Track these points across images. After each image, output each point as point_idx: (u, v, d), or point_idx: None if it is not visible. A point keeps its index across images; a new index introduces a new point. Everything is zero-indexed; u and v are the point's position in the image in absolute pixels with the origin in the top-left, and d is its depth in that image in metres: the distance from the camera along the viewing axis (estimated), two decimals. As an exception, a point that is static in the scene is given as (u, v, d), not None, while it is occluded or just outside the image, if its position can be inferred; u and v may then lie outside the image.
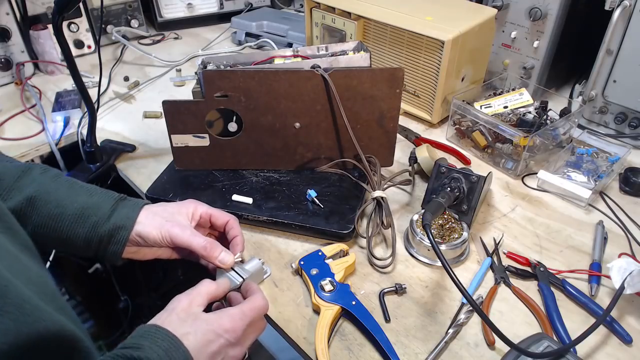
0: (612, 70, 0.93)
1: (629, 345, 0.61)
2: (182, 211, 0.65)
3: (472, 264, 0.72)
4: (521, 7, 1.01)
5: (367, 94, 0.78)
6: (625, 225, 0.78)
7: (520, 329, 0.63)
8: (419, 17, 0.96)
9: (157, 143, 0.98)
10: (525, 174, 0.89)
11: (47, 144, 0.99)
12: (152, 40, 1.44)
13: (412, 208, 0.82)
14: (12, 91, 1.17)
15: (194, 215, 0.66)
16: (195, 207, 0.67)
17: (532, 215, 0.81)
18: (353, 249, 0.74)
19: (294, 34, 1.33)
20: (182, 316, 0.51)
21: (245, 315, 0.53)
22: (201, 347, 0.49)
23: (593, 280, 0.68)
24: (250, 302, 0.55)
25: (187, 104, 0.79)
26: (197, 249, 0.61)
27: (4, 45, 1.16)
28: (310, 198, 0.78)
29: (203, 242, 0.62)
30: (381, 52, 1.03)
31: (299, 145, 0.83)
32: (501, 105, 0.95)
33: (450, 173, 0.76)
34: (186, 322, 0.50)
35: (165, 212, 0.64)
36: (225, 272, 0.65)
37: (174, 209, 0.65)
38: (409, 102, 1.05)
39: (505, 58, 1.09)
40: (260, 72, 0.76)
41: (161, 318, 0.51)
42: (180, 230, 0.62)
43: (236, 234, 0.67)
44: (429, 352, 0.59)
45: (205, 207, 0.68)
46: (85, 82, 0.93)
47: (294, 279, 0.70)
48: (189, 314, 0.51)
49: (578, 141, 0.94)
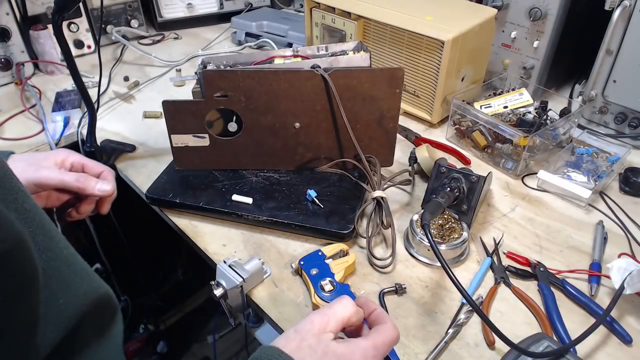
0: (612, 70, 0.93)
1: (629, 345, 0.61)
2: (49, 158, 0.64)
3: (472, 264, 0.72)
4: (521, 7, 1.01)
5: (367, 94, 0.78)
6: (625, 225, 0.78)
7: (520, 329, 0.63)
8: (419, 17, 0.96)
9: (157, 143, 0.98)
10: (525, 174, 0.89)
11: (47, 144, 0.99)
12: (152, 40, 1.44)
13: (412, 208, 0.82)
14: (12, 91, 1.17)
15: (63, 162, 0.65)
16: (66, 155, 0.66)
17: (532, 215, 0.81)
18: (353, 249, 0.74)
19: (294, 34, 1.33)
20: (313, 344, 0.46)
21: (377, 351, 0.47)
22: None
23: (593, 280, 0.68)
24: (382, 335, 0.49)
25: (187, 104, 0.79)
26: (70, 183, 0.61)
27: (4, 45, 1.16)
28: (310, 198, 0.78)
29: (75, 175, 0.61)
30: (381, 52, 1.03)
31: (299, 145, 0.83)
32: (501, 105, 0.95)
33: (450, 173, 0.76)
34: (315, 353, 0.45)
35: (31, 159, 0.63)
36: (225, 272, 0.65)
37: (41, 155, 0.64)
38: (409, 102, 1.05)
39: (505, 58, 1.10)
40: (260, 72, 0.76)
41: (289, 341, 0.46)
42: (48, 172, 0.61)
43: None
44: (429, 352, 0.60)
45: (78, 156, 0.66)
46: (85, 82, 0.93)
47: (294, 279, 0.70)
48: (320, 342, 0.46)
49: (578, 141, 0.94)
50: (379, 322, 0.51)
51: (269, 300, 0.67)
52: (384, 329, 0.49)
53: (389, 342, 0.48)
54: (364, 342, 0.47)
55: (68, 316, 0.39)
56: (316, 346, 0.46)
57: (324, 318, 0.48)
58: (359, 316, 0.50)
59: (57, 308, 0.38)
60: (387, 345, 0.48)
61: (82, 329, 0.40)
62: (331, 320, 0.48)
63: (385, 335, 0.48)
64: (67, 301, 0.39)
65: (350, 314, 0.49)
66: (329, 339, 0.47)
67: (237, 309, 0.69)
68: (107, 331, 0.45)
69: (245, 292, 0.66)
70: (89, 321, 0.41)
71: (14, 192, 0.36)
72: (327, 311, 0.49)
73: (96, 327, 0.44)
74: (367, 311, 0.52)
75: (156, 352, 1.54)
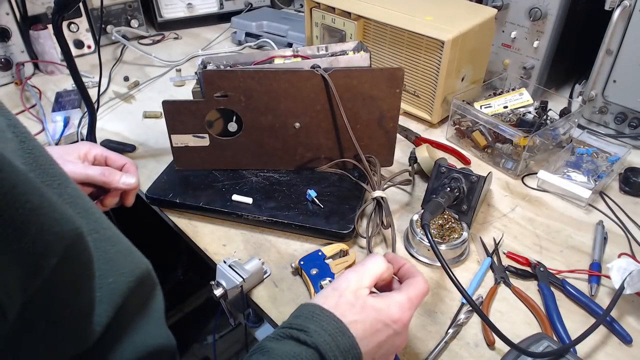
0: (612, 70, 0.93)
1: (629, 345, 0.61)
2: (72, 152, 0.65)
3: (472, 264, 0.72)
4: (521, 7, 1.01)
5: (367, 94, 0.78)
6: (625, 225, 0.78)
7: (520, 329, 0.63)
8: (419, 17, 0.96)
9: (157, 143, 0.98)
10: (525, 174, 0.89)
11: (47, 144, 0.99)
12: (152, 40, 1.44)
13: (412, 208, 0.82)
14: (12, 91, 1.17)
15: (87, 155, 0.65)
16: (89, 148, 0.66)
17: (532, 215, 0.81)
18: (353, 249, 0.74)
19: (294, 34, 1.33)
20: (351, 300, 0.48)
21: (412, 303, 0.50)
22: (369, 336, 0.47)
23: (593, 280, 0.68)
24: (415, 288, 0.51)
25: (187, 104, 0.79)
26: (95, 177, 0.61)
27: (4, 45, 1.16)
28: (310, 198, 0.78)
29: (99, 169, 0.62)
30: (381, 52, 1.03)
31: (299, 145, 0.83)
32: (501, 105, 0.95)
33: (450, 173, 0.76)
34: (354, 308, 0.47)
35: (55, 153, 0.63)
36: (225, 272, 0.65)
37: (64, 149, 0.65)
38: (409, 102, 1.05)
39: (505, 58, 1.10)
40: (260, 72, 0.76)
41: (328, 298, 0.48)
42: (73, 166, 0.61)
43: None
44: (429, 352, 0.60)
45: (101, 149, 0.66)
46: (85, 82, 0.93)
47: (294, 279, 0.70)
48: (358, 298, 0.48)
49: (578, 141, 0.94)
50: (409, 275, 0.53)
51: (269, 300, 0.67)
52: (416, 282, 0.51)
53: (421, 295, 0.51)
54: (398, 295, 0.50)
55: (117, 294, 0.40)
56: (354, 301, 0.48)
57: (358, 275, 0.50)
58: (390, 271, 0.53)
59: (107, 287, 0.39)
60: (420, 297, 0.51)
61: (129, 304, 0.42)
62: (365, 277, 0.50)
63: (417, 288, 0.51)
64: (115, 280, 0.40)
65: (382, 269, 0.51)
66: (365, 294, 0.49)
67: (237, 309, 0.69)
68: (149, 305, 0.47)
69: (245, 292, 0.66)
70: (134, 296, 0.42)
71: (58, 177, 0.37)
72: (361, 269, 0.51)
73: (140, 302, 0.45)
74: (396, 266, 0.54)
75: (156, 352, 1.54)
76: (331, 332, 0.44)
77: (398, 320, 0.48)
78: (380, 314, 0.48)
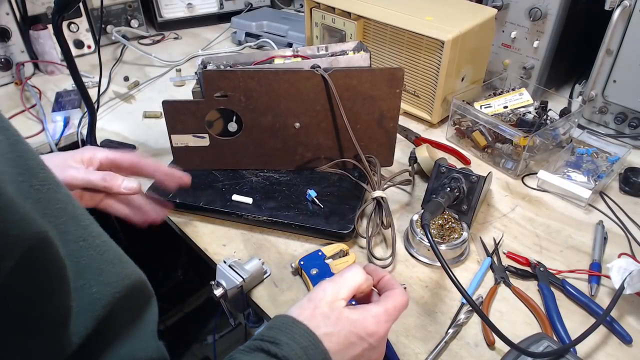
0: (612, 70, 0.93)
1: (629, 345, 0.61)
2: (75, 157, 0.64)
3: (472, 264, 0.72)
4: (521, 7, 1.01)
5: (367, 94, 0.78)
6: (625, 225, 0.78)
7: (520, 329, 0.63)
8: (419, 17, 0.96)
9: (157, 143, 0.98)
10: (525, 174, 0.89)
11: (47, 144, 0.99)
12: (152, 40, 1.44)
13: (412, 208, 0.82)
14: (12, 91, 1.17)
15: (91, 160, 0.64)
16: (93, 152, 0.65)
17: (532, 215, 0.81)
18: (353, 249, 0.74)
19: (294, 34, 1.33)
20: (326, 311, 0.47)
21: (389, 316, 0.49)
22: (342, 350, 0.46)
23: (593, 280, 0.68)
24: (392, 300, 0.50)
25: (187, 104, 0.79)
26: (96, 182, 0.61)
27: (4, 45, 1.16)
28: (310, 198, 0.78)
29: (101, 174, 0.61)
30: (381, 52, 1.03)
31: (299, 145, 0.83)
32: (501, 105, 0.95)
33: (450, 173, 0.76)
34: (329, 320, 0.46)
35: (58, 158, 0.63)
36: (225, 272, 0.65)
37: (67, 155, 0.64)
38: (409, 102, 1.05)
39: (505, 58, 1.10)
40: (260, 72, 0.76)
41: (303, 309, 0.47)
42: (75, 172, 0.61)
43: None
44: (429, 352, 0.60)
45: (106, 153, 0.65)
46: (85, 82, 0.93)
47: (294, 279, 0.70)
48: (333, 310, 0.47)
49: (578, 141, 0.94)
50: (388, 287, 0.52)
51: (269, 300, 0.67)
52: (394, 294, 0.50)
53: (399, 307, 0.50)
54: (375, 308, 0.49)
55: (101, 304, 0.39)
56: (329, 313, 0.47)
57: (335, 286, 0.49)
58: (368, 283, 0.52)
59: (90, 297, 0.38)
60: (398, 309, 0.50)
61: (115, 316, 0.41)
62: (342, 288, 0.49)
63: (395, 301, 0.50)
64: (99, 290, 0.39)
65: (361, 281, 0.50)
66: (342, 306, 0.48)
67: (237, 309, 0.69)
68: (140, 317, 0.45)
69: (245, 292, 0.66)
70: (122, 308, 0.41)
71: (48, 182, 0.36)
72: (339, 279, 0.50)
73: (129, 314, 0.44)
74: (376, 278, 0.53)
75: (156, 352, 1.54)
76: (303, 345, 0.43)
77: (374, 334, 0.47)
78: (356, 326, 0.47)
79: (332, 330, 0.46)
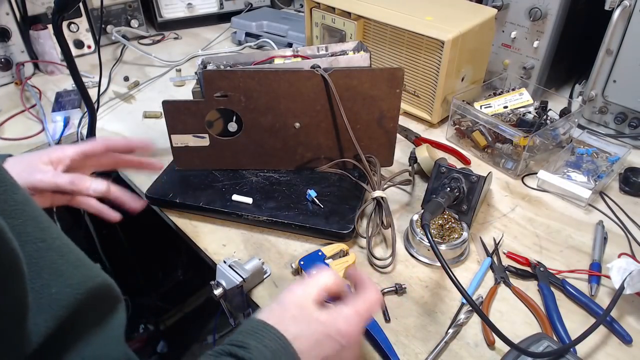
0: (612, 70, 0.93)
1: (629, 345, 0.61)
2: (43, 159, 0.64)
3: (472, 264, 0.72)
4: (521, 7, 1.01)
5: (367, 94, 0.78)
6: (625, 225, 0.78)
7: (520, 329, 0.63)
8: (419, 17, 0.96)
9: (157, 143, 0.98)
10: (525, 174, 0.89)
11: (47, 144, 0.99)
12: (152, 40, 1.44)
13: (412, 208, 0.82)
14: (12, 91, 1.17)
15: (60, 160, 0.64)
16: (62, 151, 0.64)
17: (532, 215, 0.81)
18: (353, 249, 0.74)
19: (294, 34, 1.33)
20: (295, 313, 0.47)
21: (361, 316, 0.49)
22: (312, 351, 0.45)
23: (593, 280, 0.68)
24: (364, 300, 0.50)
25: (187, 104, 0.79)
26: (64, 186, 0.61)
27: (4, 45, 1.16)
28: (310, 198, 0.78)
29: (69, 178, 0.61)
30: (381, 52, 1.03)
31: (299, 145, 0.83)
32: (501, 105, 0.95)
33: (450, 173, 0.76)
34: (298, 322, 0.46)
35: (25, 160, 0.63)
36: (225, 272, 0.65)
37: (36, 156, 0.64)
38: (409, 102, 1.05)
39: (505, 58, 1.10)
40: (260, 72, 0.76)
41: (272, 312, 0.47)
42: (42, 175, 0.61)
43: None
44: (429, 352, 0.59)
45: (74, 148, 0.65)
46: (85, 82, 0.93)
47: (294, 279, 0.70)
48: (302, 310, 0.47)
49: (578, 141, 0.94)
50: (362, 287, 0.52)
51: (269, 300, 0.67)
52: (367, 294, 0.50)
53: (370, 307, 0.50)
54: (346, 308, 0.49)
55: (61, 305, 0.39)
56: (299, 315, 0.47)
57: (304, 288, 0.49)
58: (339, 284, 0.51)
59: (49, 297, 0.39)
60: (369, 309, 0.50)
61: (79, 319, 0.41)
62: (312, 289, 0.49)
63: (366, 300, 0.50)
64: (59, 290, 0.39)
65: (330, 282, 0.50)
66: (311, 307, 0.48)
67: (237, 309, 0.69)
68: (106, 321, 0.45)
69: (245, 292, 0.66)
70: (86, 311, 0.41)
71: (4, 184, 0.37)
72: (308, 281, 0.50)
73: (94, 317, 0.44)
74: (354, 279, 0.54)
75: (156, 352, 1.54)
76: (272, 349, 0.43)
77: (345, 334, 0.47)
78: (326, 327, 0.47)
79: (301, 331, 0.46)
